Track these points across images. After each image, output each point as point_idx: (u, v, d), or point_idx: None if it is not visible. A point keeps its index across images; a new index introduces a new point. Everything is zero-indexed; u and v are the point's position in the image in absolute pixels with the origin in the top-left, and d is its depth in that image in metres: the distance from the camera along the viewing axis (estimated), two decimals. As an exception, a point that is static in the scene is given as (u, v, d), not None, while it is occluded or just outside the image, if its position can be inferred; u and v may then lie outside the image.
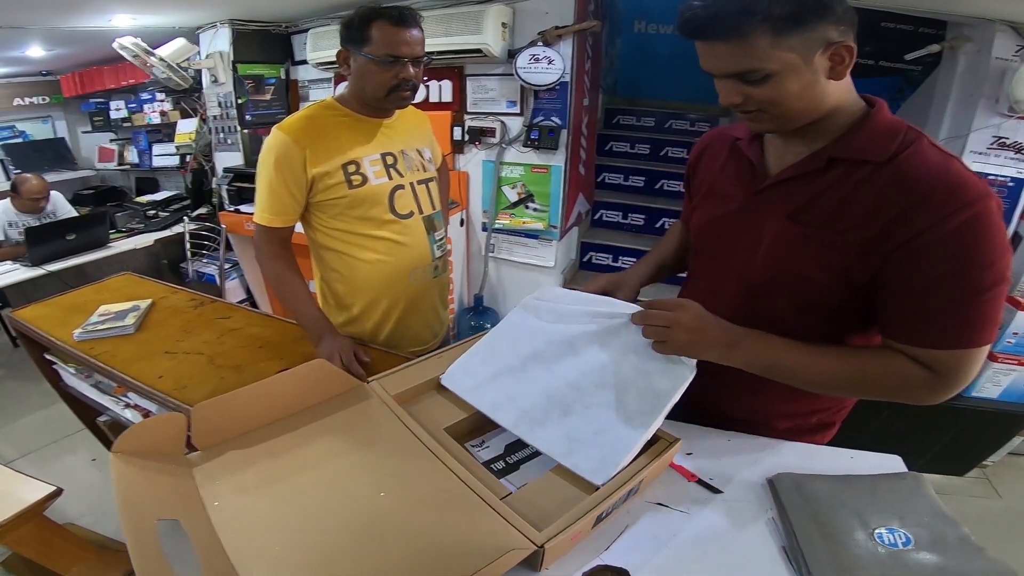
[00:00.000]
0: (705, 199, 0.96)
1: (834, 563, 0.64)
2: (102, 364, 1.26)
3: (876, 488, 0.76)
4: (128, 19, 2.81)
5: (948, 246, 0.67)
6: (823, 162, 0.76)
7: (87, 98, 4.68)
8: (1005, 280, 0.68)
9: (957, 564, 0.63)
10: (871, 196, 0.72)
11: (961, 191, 0.67)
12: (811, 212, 0.77)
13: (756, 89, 0.69)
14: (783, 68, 0.66)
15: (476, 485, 0.73)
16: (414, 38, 1.17)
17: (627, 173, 3.59)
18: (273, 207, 1.21)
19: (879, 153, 0.72)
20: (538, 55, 2.46)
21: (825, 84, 0.70)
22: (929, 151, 0.71)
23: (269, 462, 0.78)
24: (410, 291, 1.36)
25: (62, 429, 2.37)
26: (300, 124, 1.20)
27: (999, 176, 1.91)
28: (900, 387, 0.75)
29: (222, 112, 3.32)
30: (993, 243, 0.67)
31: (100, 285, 1.75)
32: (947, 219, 0.66)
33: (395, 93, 1.20)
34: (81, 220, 3.14)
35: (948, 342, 0.70)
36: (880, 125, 0.74)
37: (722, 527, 0.74)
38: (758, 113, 0.73)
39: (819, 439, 0.97)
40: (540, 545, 0.64)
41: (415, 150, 1.35)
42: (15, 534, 1.26)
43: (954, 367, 0.72)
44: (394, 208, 1.28)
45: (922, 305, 0.71)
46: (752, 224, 0.84)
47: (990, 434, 2.13)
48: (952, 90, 1.97)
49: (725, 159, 0.93)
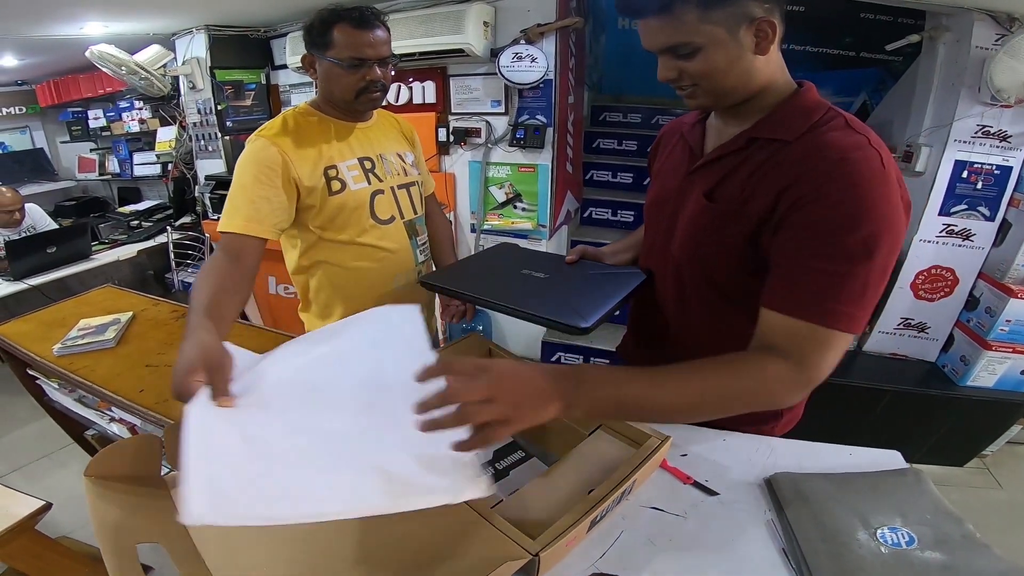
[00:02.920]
0: (652, 183, 1.01)
1: (836, 565, 0.62)
2: (82, 379, 1.23)
3: (877, 486, 0.74)
4: (100, 27, 2.76)
5: (822, 215, 0.68)
6: (743, 142, 0.79)
7: (64, 107, 4.61)
8: (873, 256, 0.66)
9: (963, 562, 0.62)
10: (771, 170, 0.74)
11: (845, 164, 0.67)
12: (723, 189, 0.80)
13: (688, 63, 0.73)
14: (709, 42, 0.70)
15: (467, 496, 0.71)
16: (378, 39, 1.14)
17: (615, 170, 3.58)
18: (246, 213, 1.07)
19: (790, 131, 0.74)
20: (521, 53, 2.45)
21: (752, 59, 0.73)
22: (838, 130, 0.72)
23: (250, 479, 0.75)
24: (393, 297, 1.32)
25: (53, 443, 2.35)
26: (279, 129, 1.16)
27: (985, 164, 1.92)
28: (761, 387, 0.70)
29: (202, 119, 3.27)
30: (862, 203, 0.66)
31: (81, 299, 1.73)
32: (823, 187, 0.68)
33: (364, 95, 1.18)
34: (62, 232, 3.08)
35: (807, 310, 0.69)
36: (799, 105, 0.76)
37: (719, 530, 0.72)
38: (694, 89, 0.76)
39: (768, 430, 0.94)
40: (535, 554, 0.62)
41: (395, 154, 1.33)
42: (7, 549, 1.25)
43: (809, 347, 0.69)
44: (375, 213, 1.26)
45: (790, 270, 0.71)
46: (681, 204, 0.88)
47: (988, 423, 2.14)
48: (934, 80, 1.98)
49: (674, 145, 0.97)
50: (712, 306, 0.87)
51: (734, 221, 0.77)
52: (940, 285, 2.10)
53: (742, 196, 0.77)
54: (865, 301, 0.69)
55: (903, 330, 2.21)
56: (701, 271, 0.85)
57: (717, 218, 0.80)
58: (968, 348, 2.07)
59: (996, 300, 1.96)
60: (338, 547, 0.64)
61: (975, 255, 2.03)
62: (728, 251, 0.79)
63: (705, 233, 0.82)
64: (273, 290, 3.15)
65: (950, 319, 2.15)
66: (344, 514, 0.56)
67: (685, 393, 0.69)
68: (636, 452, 0.77)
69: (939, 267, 2.07)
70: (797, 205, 0.70)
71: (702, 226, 0.82)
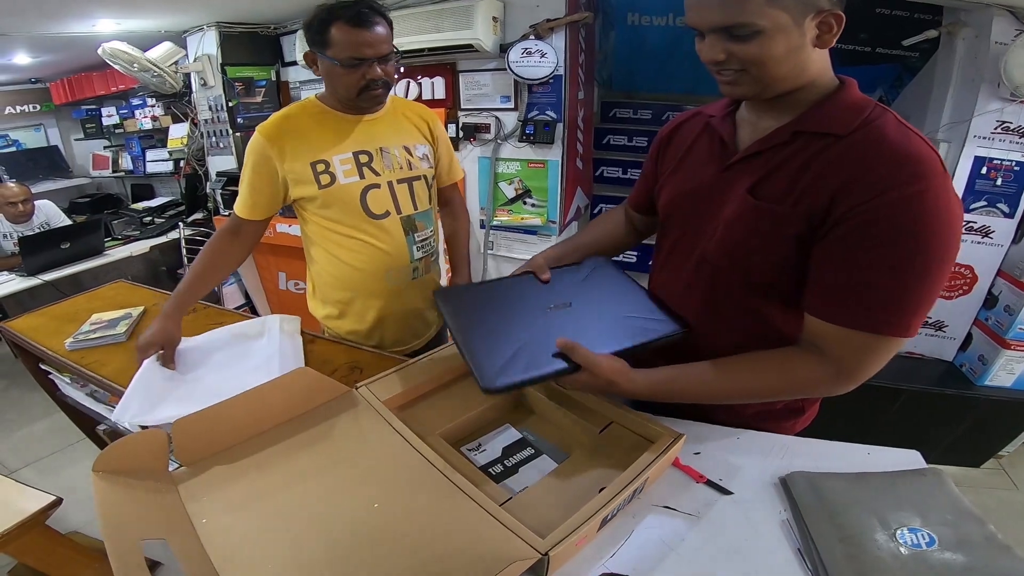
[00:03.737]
0: (673, 175, 0.94)
1: (854, 566, 0.61)
2: (93, 373, 1.24)
3: (895, 485, 0.72)
4: (112, 24, 2.78)
5: (884, 221, 0.65)
6: (788, 135, 0.74)
7: (78, 105, 4.65)
8: (938, 272, 0.65)
9: (985, 564, 0.60)
10: (823, 168, 0.70)
11: (909, 166, 0.64)
12: (768, 185, 0.76)
13: (741, 46, 0.67)
14: (773, 26, 0.65)
15: (474, 492, 0.70)
16: (376, 37, 1.12)
17: (625, 166, 3.55)
18: (243, 199, 1.25)
19: (841, 126, 0.71)
20: (530, 48, 2.43)
21: (810, 51, 0.69)
22: (890, 127, 0.69)
23: (256, 477, 0.75)
24: (386, 292, 1.34)
25: (65, 438, 2.39)
26: (273, 124, 1.20)
27: (1005, 160, 1.88)
28: (807, 388, 0.77)
29: (213, 115, 3.29)
30: (932, 227, 0.64)
31: (93, 293, 1.74)
32: (888, 192, 0.64)
33: (366, 93, 1.18)
34: (75, 228, 3.11)
35: (859, 322, 0.69)
36: (847, 100, 0.73)
37: (733, 530, 0.71)
38: (740, 74, 0.71)
39: (789, 427, 0.94)
40: (544, 553, 0.61)
41: (400, 147, 1.31)
42: (17, 544, 1.25)
43: (858, 354, 0.71)
44: (367, 208, 1.25)
45: (843, 279, 0.69)
46: (717, 201, 0.83)
47: (1005, 423, 2.09)
48: (952, 76, 1.94)
49: (696, 136, 0.91)
50: (744, 305, 0.83)
51: (782, 220, 0.73)
52: (958, 283, 2.05)
53: (792, 195, 0.72)
54: (923, 310, 0.68)
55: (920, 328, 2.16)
56: (739, 271, 0.81)
57: (766, 217, 0.75)
58: (986, 347, 2.03)
59: (1015, 298, 1.92)
60: (345, 544, 0.64)
61: (994, 252, 1.99)
62: (772, 250, 0.76)
63: (749, 233, 0.77)
64: (283, 286, 3.16)
65: (968, 318, 2.10)
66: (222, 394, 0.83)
67: (733, 388, 0.79)
68: (649, 450, 0.76)
69: (957, 264, 2.03)
70: (856, 207, 0.66)
71: (746, 226, 0.77)
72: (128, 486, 0.69)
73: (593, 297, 0.93)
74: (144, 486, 0.71)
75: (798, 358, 0.76)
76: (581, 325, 0.86)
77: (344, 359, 1.23)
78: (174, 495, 0.71)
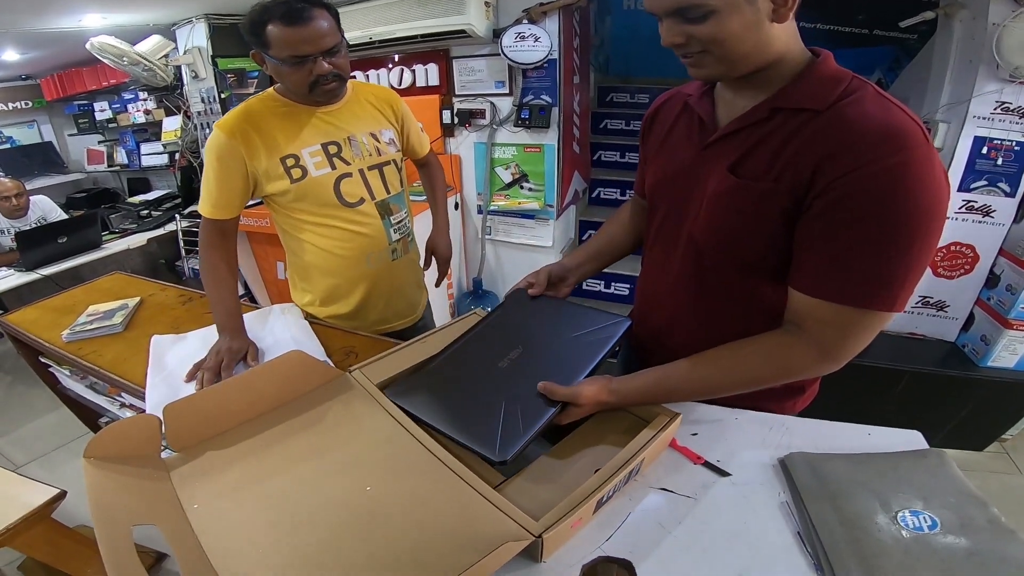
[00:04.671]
0: (656, 159, 0.94)
1: (855, 550, 0.59)
2: (90, 364, 1.23)
3: (897, 467, 0.71)
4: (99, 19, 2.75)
5: (866, 192, 0.64)
6: (766, 112, 0.73)
7: (70, 100, 4.62)
8: (923, 244, 0.64)
9: (988, 548, 0.58)
10: (803, 143, 0.69)
11: (890, 138, 0.63)
12: (749, 162, 0.75)
13: (698, 27, 0.67)
14: (724, 5, 0.64)
15: (467, 474, 0.69)
16: (314, 31, 1.06)
17: (623, 150, 3.55)
18: (215, 200, 1.19)
19: (819, 100, 0.69)
20: (524, 33, 2.40)
21: (769, 27, 0.67)
22: (870, 99, 0.67)
23: (249, 461, 0.74)
24: (368, 275, 1.34)
25: (70, 432, 2.39)
26: (236, 121, 1.15)
27: (1005, 140, 1.86)
28: (788, 373, 0.76)
29: (206, 107, 3.26)
30: (914, 198, 0.62)
31: (90, 285, 1.73)
32: (869, 164, 0.63)
33: (318, 88, 1.14)
34: (72, 223, 3.10)
35: (844, 295, 0.68)
36: (823, 73, 0.71)
37: (731, 513, 0.69)
38: (702, 55, 0.70)
39: (790, 406, 0.93)
40: (538, 535, 0.60)
41: (367, 134, 1.29)
42: (24, 537, 1.26)
43: (842, 330, 0.70)
44: (341, 197, 1.25)
45: (827, 252, 0.68)
46: (699, 181, 0.82)
47: (1008, 406, 2.07)
48: (950, 57, 1.92)
49: (676, 117, 0.90)
50: (733, 284, 0.82)
51: (766, 197, 0.72)
52: (960, 262, 2.04)
53: (773, 170, 0.71)
54: (909, 283, 0.66)
55: (921, 308, 2.15)
56: (726, 249, 0.80)
57: (746, 194, 0.74)
58: (989, 327, 2.02)
59: (1017, 277, 1.90)
60: (338, 528, 0.63)
61: (995, 231, 1.97)
62: (759, 228, 0.75)
63: (733, 211, 0.76)
64: (282, 275, 3.15)
65: (970, 297, 2.09)
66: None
67: (720, 381, 0.78)
68: (645, 430, 0.75)
69: (959, 244, 2.01)
70: (837, 179, 0.65)
71: (729, 204, 0.77)
72: (119, 472, 0.69)
73: (535, 333, 0.94)
74: (135, 472, 0.70)
75: (781, 343, 0.75)
76: (542, 365, 0.86)
77: (340, 343, 1.23)
78: (166, 481, 0.71)
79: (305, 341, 1.21)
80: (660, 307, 0.96)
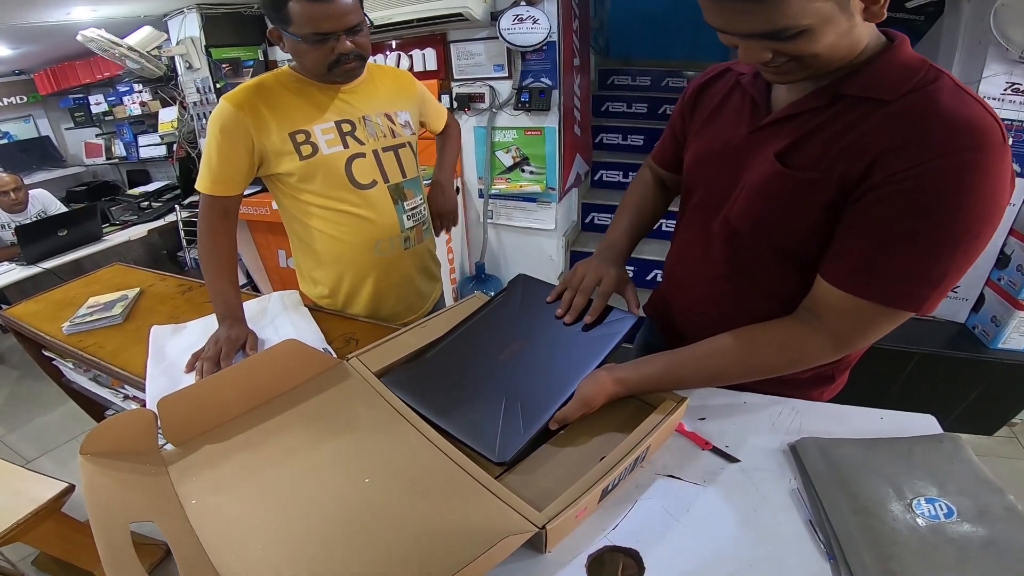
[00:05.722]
0: (700, 134, 0.88)
1: (868, 538, 0.58)
2: (90, 356, 1.23)
3: (911, 452, 0.68)
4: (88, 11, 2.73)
5: (924, 189, 0.59)
6: (827, 98, 0.68)
7: (65, 94, 4.61)
8: (970, 250, 0.60)
9: (1006, 536, 0.56)
10: (865, 134, 0.64)
11: (963, 133, 0.58)
12: (800, 151, 0.70)
13: (788, 45, 0.60)
14: (819, 21, 0.57)
15: (468, 465, 0.68)
16: (339, 8, 1.02)
17: (625, 132, 3.52)
18: (216, 175, 1.13)
19: (889, 91, 0.63)
20: (522, 15, 2.36)
21: (862, 27, 0.62)
22: (945, 91, 0.61)
23: (246, 454, 0.73)
24: (377, 264, 1.29)
25: (78, 426, 2.39)
26: (245, 94, 1.11)
27: (1016, 121, 1.82)
28: (800, 362, 0.74)
29: (201, 98, 3.24)
30: (974, 201, 0.58)
31: (90, 277, 1.73)
32: (935, 159, 0.58)
33: (337, 68, 1.10)
34: (71, 215, 3.09)
35: (873, 291, 0.64)
36: (897, 61, 0.65)
37: (740, 500, 0.68)
38: (789, 64, 0.63)
39: (818, 395, 0.91)
40: (541, 527, 0.58)
41: (382, 115, 1.26)
42: (35, 532, 1.27)
43: (862, 325, 0.68)
44: (352, 178, 1.20)
45: (866, 245, 0.64)
46: (743, 164, 0.77)
47: (1019, 389, 2.03)
48: (959, 39, 1.87)
49: (727, 94, 0.85)
50: (768, 269, 0.79)
51: (813, 188, 0.68)
52: (970, 242, 2.01)
53: (824, 162, 0.67)
54: (944, 287, 0.63)
55: (937, 307, 2.12)
56: (763, 236, 0.77)
57: (792, 185, 0.70)
58: (999, 308, 1.98)
59: (1029, 259, 1.86)
60: (337, 520, 0.62)
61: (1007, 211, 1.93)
62: (800, 218, 0.71)
63: (775, 200, 0.72)
64: (283, 263, 3.15)
65: (980, 278, 2.05)
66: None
67: (731, 369, 0.76)
68: (651, 415, 0.73)
69: (969, 223, 1.98)
70: (897, 175, 0.60)
71: (772, 192, 0.72)
72: (116, 468, 0.67)
73: (539, 324, 0.91)
74: (132, 468, 0.69)
75: (797, 332, 0.73)
76: (548, 360, 0.84)
77: (339, 331, 1.21)
78: (163, 476, 0.70)
79: (305, 329, 1.19)
80: (690, 288, 0.93)
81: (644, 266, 3.04)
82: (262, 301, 1.32)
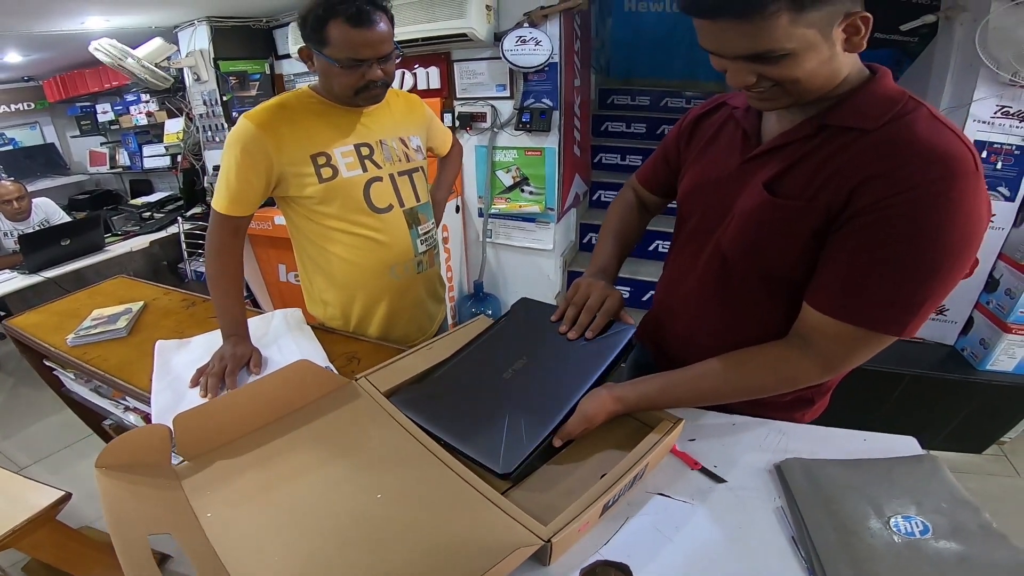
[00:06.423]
0: (696, 163, 0.93)
1: (847, 554, 0.61)
2: (95, 369, 1.24)
3: (891, 472, 0.72)
4: (102, 21, 2.76)
5: (902, 216, 0.63)
6: (813, 129, 0.72)
7: (72, 102, 4.64)
8: (949, 276, 0.64)
9: (979, 553, 0.60)
10: (847, 162, 0.68)
11: (937, 162, 0.62)
12: (787, 179, 0.74)
13: (772, 68, 0.64)
14: (802, 46, 0.62)
15: (476, 480, 0.71)
16: (377, 36, 1.04)
17: (624, 153, 3.55)
18: (234, 195, 1.13)
19: (870, 120, 0.67)
20: (525, 37, 2.41)
21: (842, 57, 0.66)
22: (922, 121, 0.65)
23: (259, 470, 0.76)
24: (391, 288, 1.30)
25: (74, 434, 2.39)
26: (268, 114, 1.12)
27: (1005, 144, 1.87)
28: (788, 383, 0.78)
29: (208, 110, 3.28)
30: (952, 229, 0.62)
31: (94, 289, 1.74)
32: (911, 188, 0.62)
33: (363, 93, 1.13)
34: (75, 225, 3.11)
35: (858, 316, 0.68)
36: (878, 92, 0.69)
37: (728, 518, 0.71)
38: (774, 89, 0.68)
39: (799, 416, 0.94)
40: (547, 540, 0.61)
41: (397, 139, 1.28)
42: (30, 539, 1.26)
43: (848, 349, 0.71)
44: (370, 201, 1.22)
45: (849, 272, 0.68)
46: (735, 192, 0.82)
47: (1007, 409, 2.08)
48: (951, 60, 1.92)
49: (721, 125, 0.90)
50: (758, 295, 0.82)
51: (800, 216, 0.71)
52: (959, 266, 2.04)
53: (810, 190, 0.70)
54: (925, 311, 0.66)
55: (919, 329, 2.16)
56: (753, 262, 0.80)
57: (780, 213, 0.73)
58: (988, 331, 2.03)
59: (1016, 281, 1.91)
60: (349, 535, 0.64)
61: (995, 235, 1.97)
62: (788, 245, 0.74)
63: (764, 228, 0.76)
64: (284, 278, 3.17)
65: (969, 301, 2.10)
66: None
67: (725, 389, 0.80)
68: (649, 434, 0.76)
69: (958, 247, 2.02)
70: (877, 202, 0.64)
71: (761, 221, 0.76)
72: (132, 482, 0.69)
73: (540, 342, 0.93)
74: (148, 481, 0.71)
75: (786, 357, 0.76)
76: (548, 376, 0.87)
77: (341, 349, 1.23)
78: (178, 490, 0.72)
79: (308, 347, 1.20)
80: (681, 313, 0.96)
81: (639, 287, 3.07)
82: (266, 319, 1.32)
